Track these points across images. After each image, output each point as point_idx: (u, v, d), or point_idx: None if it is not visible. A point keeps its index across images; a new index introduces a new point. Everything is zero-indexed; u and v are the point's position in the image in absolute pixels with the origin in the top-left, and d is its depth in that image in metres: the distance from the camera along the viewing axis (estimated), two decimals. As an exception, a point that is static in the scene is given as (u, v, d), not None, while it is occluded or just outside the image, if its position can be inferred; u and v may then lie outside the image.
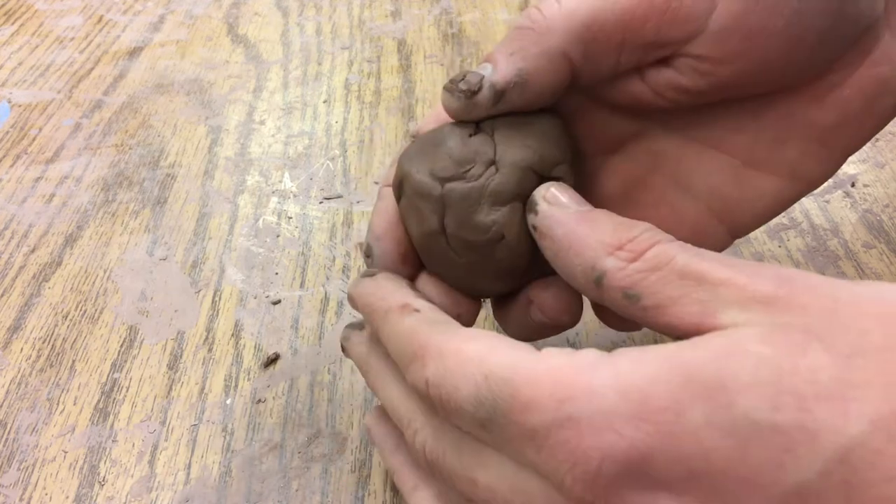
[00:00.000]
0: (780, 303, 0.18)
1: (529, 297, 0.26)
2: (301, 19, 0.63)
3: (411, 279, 0.27)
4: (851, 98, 0.25)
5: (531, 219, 0.24)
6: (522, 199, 0.25)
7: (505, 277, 0.26)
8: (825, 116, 0.26)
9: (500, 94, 0.24)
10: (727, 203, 0.27)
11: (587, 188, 0.29)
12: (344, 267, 0.40)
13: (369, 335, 0.27)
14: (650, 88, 0.25)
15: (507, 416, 0.19)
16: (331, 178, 0.46)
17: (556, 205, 0.23)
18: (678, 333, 0.20)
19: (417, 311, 0.23)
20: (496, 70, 0.24)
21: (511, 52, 0.24)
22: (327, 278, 0.39)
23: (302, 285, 0.39)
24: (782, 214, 0.42)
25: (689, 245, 0.20)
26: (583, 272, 0.22)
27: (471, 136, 0.25)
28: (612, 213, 0.23)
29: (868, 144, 0.47)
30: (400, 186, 0.26)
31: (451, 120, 0.26)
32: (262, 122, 0.51)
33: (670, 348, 0.18)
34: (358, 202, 0.44)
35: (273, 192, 0.45)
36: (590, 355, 0.19)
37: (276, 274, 0.40)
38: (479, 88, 0.24)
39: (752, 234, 0.41)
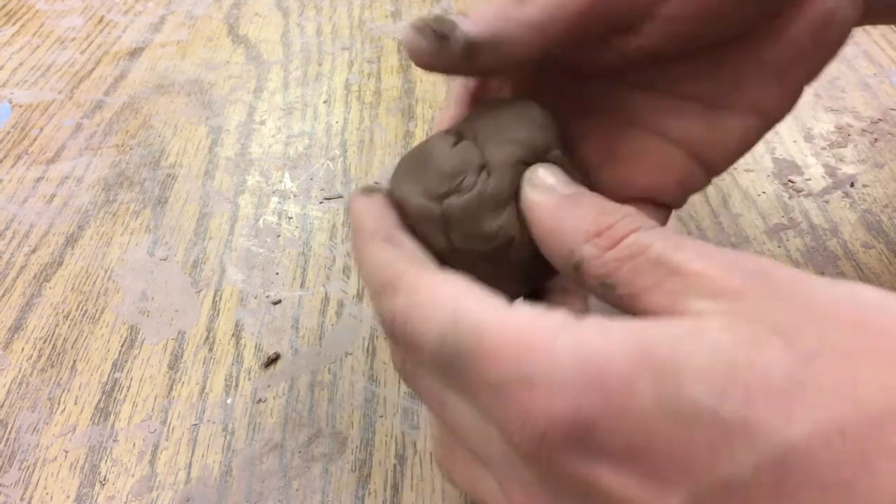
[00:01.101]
0: (750, 296, 0.18)
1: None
2: (301, 20, 0.63)
3: None
4: (801, 34, 0.27)
5: (521, 204, 0.24)
6: None
7: (527, 277, 0.26)
8: (779, 55, 0.27)
9: (470, 47, 0.24)
10: (701, 144, 0.29)
11: (575, 149, 0.29)
12: (344, 267, 0.40)
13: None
14: (615, 52, 0.26)
15: (468, 362, 0.19)
16: (331, 178, 0.46)
17: (541, 188, 0.23)
18: None
19: (401, 245, 0.23)
20: (472, 23, 0.24)
21: (493, 15, 0.24)
22: (328, 278, 0.39)
23: (302, 285, 0.39)
24: (781, 214, 0.42)
25: (668, 232, 0.20)
26: (562, 257, 0.22)
27: (454, 145, 0.25)
28: (598, 196, 0.23)
29: (868, 144, 0.47)
30: (400, 209, 0.26)
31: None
32: (263, 123, 0.51)
33: (636, 324, 0.18)
34: (358, 202, 0.44)
35: (273, 193, 0.45)
36: (558, 317, 0.19)
37: (277, 274, 0.40)
38: (451, 33, 0.23)
39: (752, 235, 0.41)
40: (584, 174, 0.28)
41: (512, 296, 0.27)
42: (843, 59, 0.55)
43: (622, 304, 0.20)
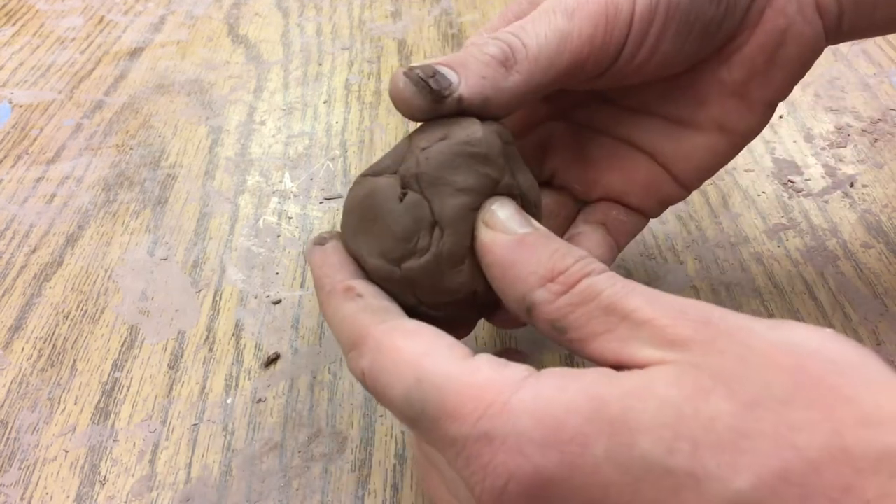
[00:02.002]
0: (697, 345, 0.19)
1: None
2: (301, 20, 0.63)
3: None
4: (753, 55, 0.28)
5: (476, 245, 0.24)
6: None
7: (491, 306, 0.27)
8: (732, 75, 0.29)
9: (462, 106, 0.25)
10: (667, 156, 0.30)
11: (542, 154, 0.31)
12: (344, 267, 0.40)
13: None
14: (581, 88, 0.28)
15: (432, 420, 0.20)
16: (331, 178, 0.46)
17: (494, 227, 0.24)
18: (601, 363, 0.20)
19: (360, 296, 0.24)
20: (466, 85, 0.25)
21: (483, 76, 0.25)
22: (327, 278, 0.39)
23: (302, 285, 0.39)
24: (781, 214, 0.42)
25: (619, 278, 0.21)
26: (515, 300, 0.22)
27: (401, 198, 0.24)
28: (551, 237, 0.23)
29: (867, 144, 0.47)
30: (356, 262, 0.26)
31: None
32: (263, 123, 0.51)
33: (591, 379, 0.19)
34: (358, 202, 0.44)
35: (273, 193, 0.45)
36: (518, 372, 0.20)
37: (277, 274, 0.40)
38: (448, 95, 0.24)
39: (752, 235, 0.41)
40: (540, 167, 0.30)
41: (473, 320, 0.28)
42: (843, 59, 0.55)
43: (572, 346, 0.21)
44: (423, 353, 0.21)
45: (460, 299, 0.25)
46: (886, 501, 0.15)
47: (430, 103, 0.24)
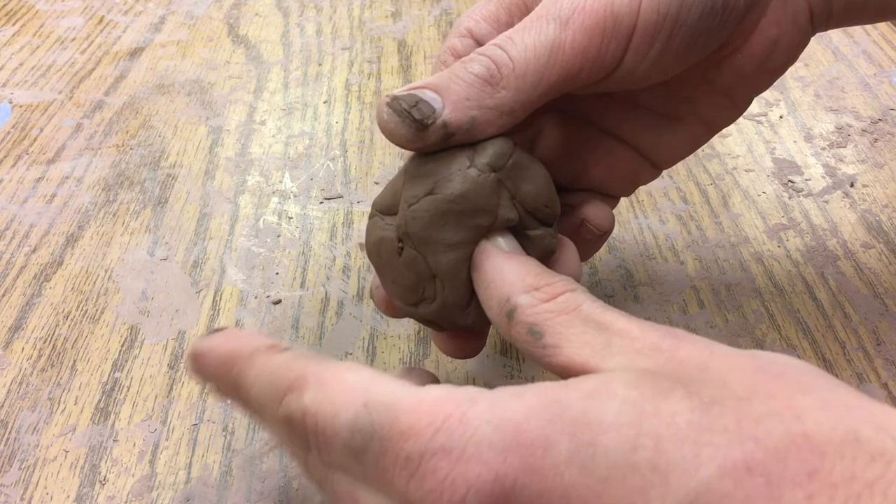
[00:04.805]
0: (661, 355, 0.19)
1: (582, 217, 0.30)
2: (301, 20, 0.63)
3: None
4: (744, 62, 0.29)
5: (473, 258, 0.25)
6: None
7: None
8: (723, 79, 0.29)
9: (449, 135, 0.24)
10: (650, 146, 0.31)
11: (531, 147, 0.31)
12: (344, 267, 0.40)
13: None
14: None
15: (383, 442, 0.19)
16: (331, 178, 0.46)
17: (491, 241, 0.25)
18: (567, 374, 0.21)
19: (288, 349, 0.23)
20: (450, 110, 0.24)
21: (467, 99, 0.24)
22: (328, 278, 0.39)
23: (302, 285, 0.39)
24: (781, 214, 0.42)
25: (598, 299, 0.22)
26: (498, 304, 0.23)
27: (400, 254, 0.26)
28: (541, 264, 0.24)
29: (867, 144, 0.47)
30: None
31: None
32: (263, 123, 0.51)
33: (547, 385, 0.19)
34: (358, 202, 0.44)
35: (273, 193, 0.45)
36: (470, 391, 0.19)
37: (277, 274, 0.40)
38: (432, 122, 0.24)
39: (752, 235, 0.41)
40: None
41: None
42: (843, 59, 0.55)
43: (544, 353, 0.21)
44: (370, 380, 0.20)
45: (475, 324, 0.27)
46: (853, 484, 0.15)
47: (415, 132, 0.24)
